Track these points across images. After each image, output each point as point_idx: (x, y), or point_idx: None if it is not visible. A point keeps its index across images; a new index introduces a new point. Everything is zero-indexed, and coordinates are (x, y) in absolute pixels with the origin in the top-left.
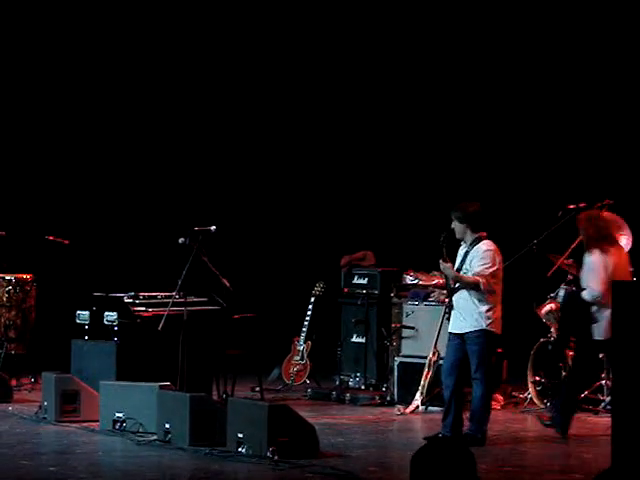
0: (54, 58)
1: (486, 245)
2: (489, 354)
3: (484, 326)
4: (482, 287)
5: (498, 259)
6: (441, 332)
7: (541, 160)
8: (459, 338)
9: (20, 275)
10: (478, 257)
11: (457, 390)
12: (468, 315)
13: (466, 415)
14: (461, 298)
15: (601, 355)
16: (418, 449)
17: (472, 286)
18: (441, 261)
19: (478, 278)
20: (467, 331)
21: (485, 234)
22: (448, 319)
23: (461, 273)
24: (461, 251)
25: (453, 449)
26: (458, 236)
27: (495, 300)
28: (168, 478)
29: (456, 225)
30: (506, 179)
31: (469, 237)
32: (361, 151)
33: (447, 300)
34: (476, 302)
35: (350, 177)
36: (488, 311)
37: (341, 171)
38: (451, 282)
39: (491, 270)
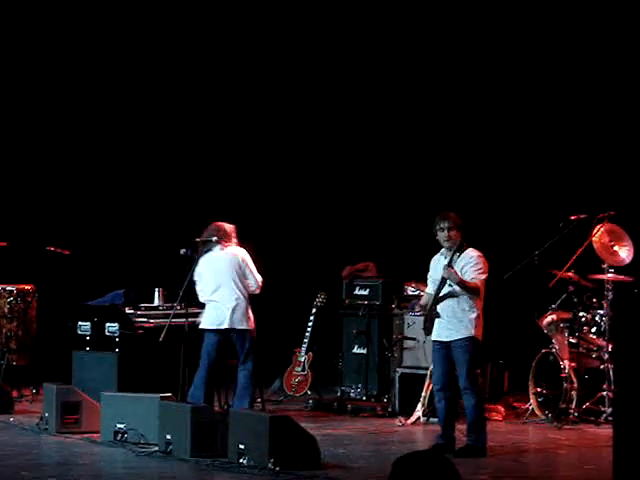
0: (54, 67)
1: (475, 252)
2: (477, 361)
3: (472, 333)
4: (479, 292)
5: (487, 267)
6: None
7: (543, 172)
8: (445, 347)
9: (21, 286)
10: (471, 263)
11: (453, 400)
12: (458, 322)
13: (458, 427)
14: (449, 306)
15: (602, 366)
16: (396, 460)
17: (472, 291)
18: (445, 266)
19: (477, 283)
20: (456, 338)
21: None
22: (425, 328)
23: (448, 283)
24: (442, 261)
25: (434, 462)
26: (453, 244)
27: (481, 307)
28: None
29: (452, 234)
30: (508, 191)
31: (456, 245)
32: (362, 162)
33: (428, 309)
34: (466, 309)
35: (352, 188)
36: (477, 318)
37: (343, 182)
38: (457, 283)
39: (484, 277)
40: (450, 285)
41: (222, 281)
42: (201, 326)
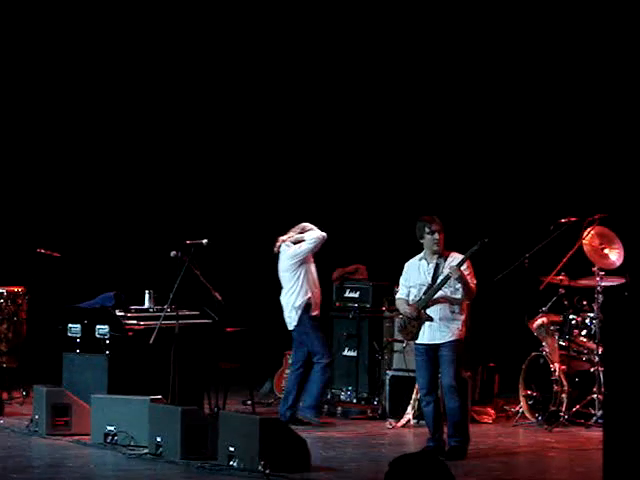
0: (51, 72)
1: (461, 256)
2: (462, 361)
3: (462, 335)
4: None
5: None
6: None
7: (533, 174)
8: (432, 350)
9: (11, 288)
10: (464, 266)
11: (439, 403)
12: (452, 324)
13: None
14: (441, 309)
15: (593, 369)
16: (391, 462)
17: (472, 293)
18: (455, 268)
19: (474, 287)
20: (447, 340)
21: None
22: (409, 332)
23: (445, 286)
24: (424, 266)
25: (430, 464)
26: (441, 248)
27: (467, 311)
28: None
29: (442, 237)
30: (498, 194)
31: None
32: (352, 166)
33: (417, 314)
34: (456, 312)
35: (342, 191)
36: (464, 321)
37: (333, 185)
38: (464, 284)
39: (475, 280)
40: (442, 289)
41: (282, 282)
42: None
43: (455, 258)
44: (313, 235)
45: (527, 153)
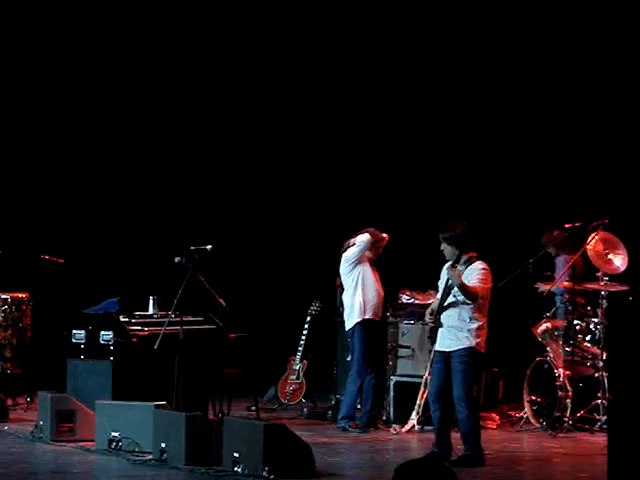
0: (55, 79)
1: (481, 264)
2: (475, 373)
3: (473, 344)
4: (479, 298)
5: (490, 279)
6: None
7: (538, 179)
8: (445, 358)
9: (16, 294)
10: (474, 273)
11: (447, 410)
12: (458, 332)
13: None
14: (451, 316)
15: (597, 374)
16: (397, 468)
17: (470, 295)
18: (449, 267)
19: (477, 288)
20: (456, 349)
21: (476, 254)
22: (430, 337)
23: (452, 293)
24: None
25: (436, 469)
26: (448, 257)
27: (484, 319)
28: None
29: (446, 247)
30: (502, 199)
31: (460, 258)
32: (356, 169)
33: (432, 318)
34: (467, 320)
35: (345, 196)
36: (478, 329)
37: (336, 190)
38: (457, 284)
39: (484, 285)
40: (454, 296)
41: (343, 284)
42: None
43: (471, 268)
44: (361, 237)
45: (531, 158)
